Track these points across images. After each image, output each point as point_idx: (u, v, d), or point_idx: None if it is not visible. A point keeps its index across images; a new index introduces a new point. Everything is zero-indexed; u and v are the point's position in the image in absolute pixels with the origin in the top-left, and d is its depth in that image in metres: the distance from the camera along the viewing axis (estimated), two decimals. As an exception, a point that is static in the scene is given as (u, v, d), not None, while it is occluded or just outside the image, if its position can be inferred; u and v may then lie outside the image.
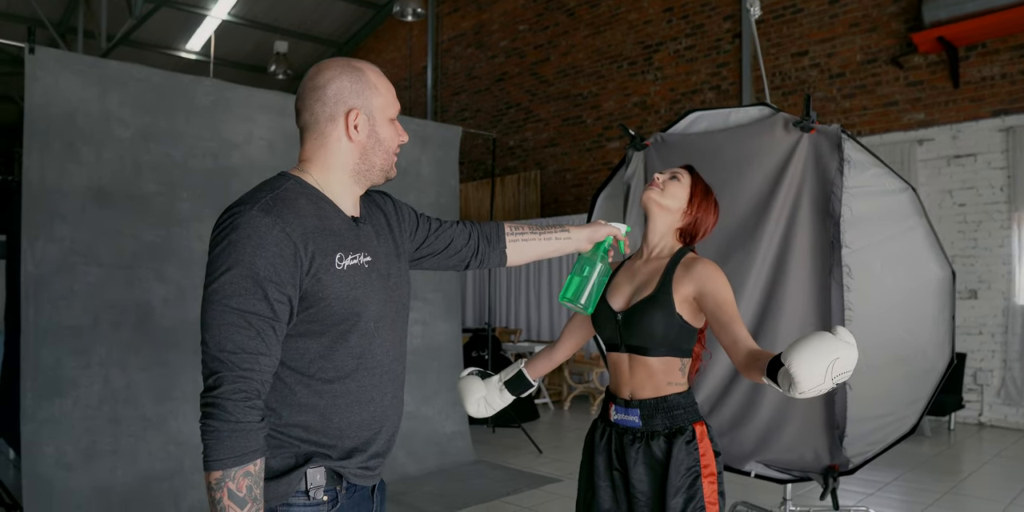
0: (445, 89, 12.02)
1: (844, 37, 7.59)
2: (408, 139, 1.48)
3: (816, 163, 2.52)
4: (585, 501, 1.90)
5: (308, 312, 1.29)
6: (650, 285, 1.80)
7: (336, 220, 1.35)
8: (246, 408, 1.20)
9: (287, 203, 1.29)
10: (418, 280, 5.14)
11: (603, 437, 1.87)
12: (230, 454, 1.19)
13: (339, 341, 1.32)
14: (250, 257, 1.22)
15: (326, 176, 1.38)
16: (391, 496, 4.46)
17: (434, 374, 5.21)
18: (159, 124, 4.07)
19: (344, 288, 1.31)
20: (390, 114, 1.41)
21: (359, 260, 1.35)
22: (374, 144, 1.39)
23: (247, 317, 1.21)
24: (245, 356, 1.21)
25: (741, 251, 2.57)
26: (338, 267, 1.30)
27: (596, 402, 7.83)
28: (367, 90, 1.37)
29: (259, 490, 1.23)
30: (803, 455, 2.69)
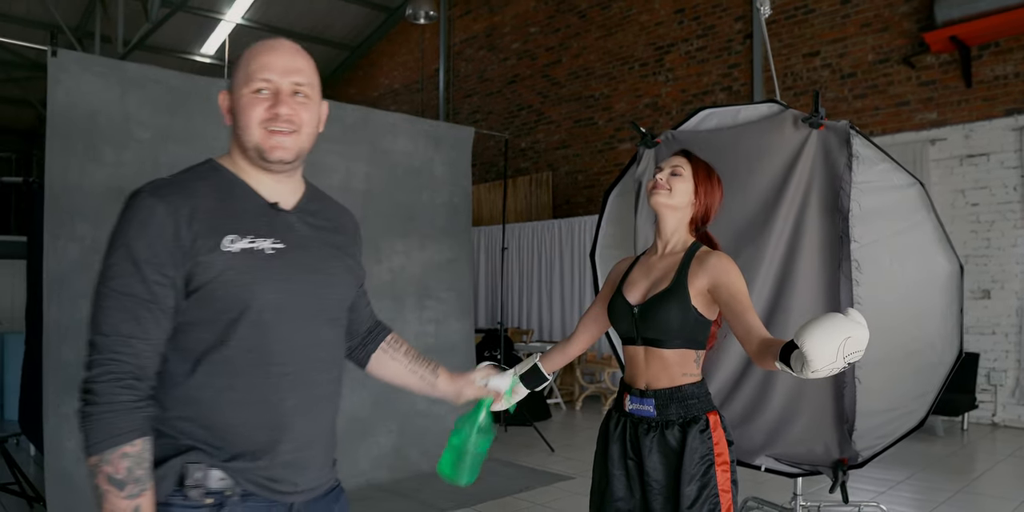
0: (457, 91, 12.09)
1: (856, 37, 7.60)
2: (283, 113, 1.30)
3: (825, 159, 2.55)
4: (600, 490, 1.94)
5: (193, 296, 1.21)
6: (666, 279, 1.84)
7: (244, 203, 1.29)
8: (117, 388, 1.15)
9: (182, 185, 1.25)
10: (431, 279, 5.19)
11: (618, 426, 1.91)
12: (103, 436, 1.13)
13: (228, 331, 1.23)
14: (132, 239, 1.18)
15: (235, 160, 1.35)
16: (405, 492, 4.51)
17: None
18: (177, 125, 4.14)
19: (231, 272, 1.22)
20: (251, 86, 1.30)
21: (260, 244, 1.25)
22: (239, 123, 1.31)
23: (123, 300, 1.17)
24: (117, 339, 1.16)
25: (751, 246, 2.60)
26: (224, 249, 1.21)
27: (608, 402, 7.85)
28: (239, 69, 1.32)
29: (142, 472, 1.15)
30: (813, 449, 2.71)
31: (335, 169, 4.73)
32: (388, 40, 13.58)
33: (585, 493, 4.47)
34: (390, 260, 4.98)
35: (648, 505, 1.85)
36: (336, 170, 4.73)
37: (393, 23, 13.33)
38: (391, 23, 13.36)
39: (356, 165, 4.83)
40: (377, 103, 13.77)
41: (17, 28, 11.80)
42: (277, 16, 12.61)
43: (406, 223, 5.08)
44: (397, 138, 5.06)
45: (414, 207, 5.13)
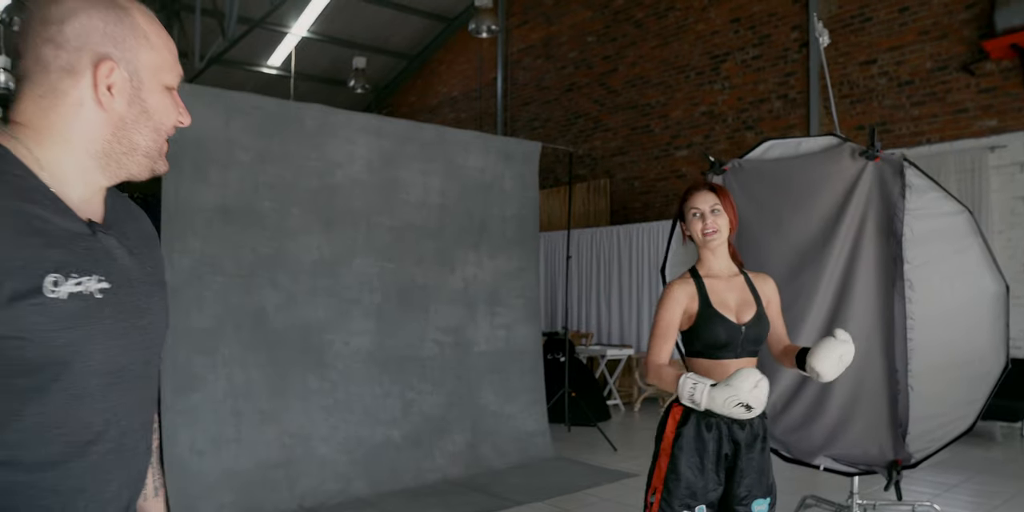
0: (515, 99, 12.41)
1: (913, 45, 7.67)
2: (190, 122, 1.06)
3: (880, 188, 2.79)
4: (688, 482, 2.12)
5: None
6: (749, 301, 2.21)
7: (57, 222, 0.91)
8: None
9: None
10: (502, 286, 5.52)
11: (708, 430, 2.13)
12: None
13: (24, 404, 0.87)
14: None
15: (52, 154, 0.94)
16: (479, 486, 4.84)
17: (516, 376, 5.56)
18: (274, 147, 4.54)
19: (52, 326, 0.87)
20: (167, 80, 1.00)
21: (88, 286, 0.90)
22: (137, 115, 0.97)
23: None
24: None
25: (812, 266, 2.84)
26: (49, 294, 0.86)
27: (665, 404, 8.06)
28: (132, 37, 0.95)
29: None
30: (868, 450, 2.94)
31: (414, 185, 5.09)
32: (446, 49, 13.98)
33: (649, 490, 4.73)
34: (463, 270, 5.31)
35: (732, 490, 2.16)
36: (415, 186, 5.09)
37: (451, 33, 13.72)
38: (449, 33, 13.76)
39: (432, 180, 5.18)
40: (435, 111, 14.20)
41: (100, 45, 12.53)
42: (340, 28, 13.10)
43: (478, 234, 5.41)
44: (470, 154, 5.39)
45: (485, 219, 5.46)
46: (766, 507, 2.18)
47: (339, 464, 4.62)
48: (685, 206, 2.24)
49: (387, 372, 4.90)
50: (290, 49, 13.45)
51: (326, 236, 4.70)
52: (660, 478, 2.16)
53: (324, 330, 4.63)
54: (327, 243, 4.70)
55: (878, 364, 2.89)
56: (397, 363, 4.95)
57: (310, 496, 4.45)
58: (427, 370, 5.10)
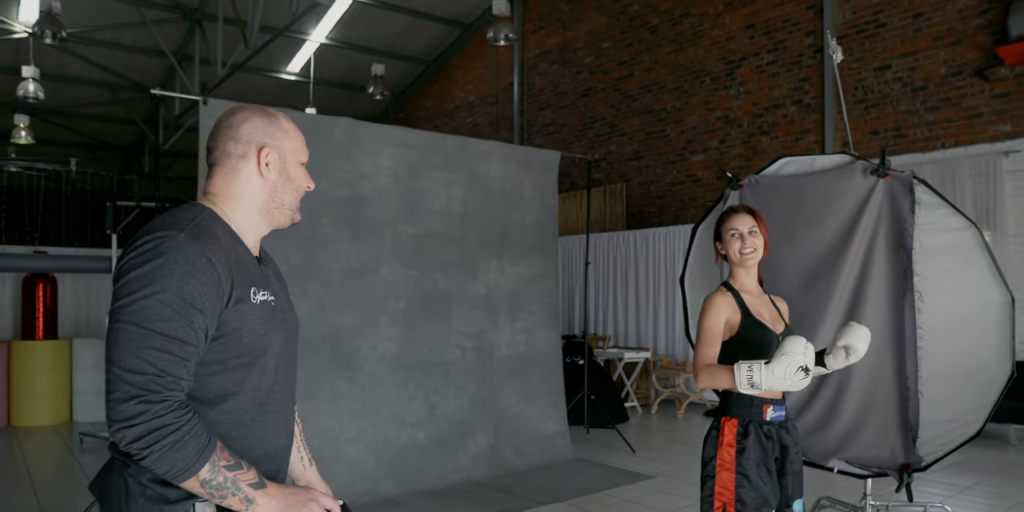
0: (531, 104, 12.56)
1: (928, 50, 7.75)
2: (315, 187, 1.51)
3: (891, 204, 2.91)
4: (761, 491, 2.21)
5: (218, 342, 1.29)
6: (777, 316, 2.39)
7: (246, 255, 1.38)
8: (186, 413, 1.21)
9: (212, 233, 1.31)
10: (522, 292, 5.66)
11: (767, 438, 2.25)
12: (202, 446, 1.21)
13: (242, 375, 1.33)
14: (179, 282, 1.21)
15: (235, 211, 1.40)
16: (502, 487, 4.99)
17: (537, 378, 5.71)
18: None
19: (256, 321, 1.33)
20: (301, 159, 1.46)
21: (267, 297, 1.37)
22: (284, 182, 1.42)
23: (171, 342, 1.20)
24: (170, 379, 1.20)
25: (825, 278, 2.97)
26: (253, 300, 1.33)
27: (682, 406, 8.19)
28: (279, 132, 1.43)
29: (237, 454, 1.28)
30: (880, 453, 3.07)
31: (438, 194, 5.24)
32: (463, 55, 14.15)
33: (668, 491, 4.90)
34: (485, 276, 5.47)
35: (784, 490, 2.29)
36: (439, 195, 5.24)
37: (468, 38, 13.89)
38: (466, 38, 13.92)
39: (455, 190, 5.34)
40: (452, 116, 14.37)
41: (124, 55, 12.80)
42: (358, 34, 13.29)
43: (499, 242, 5.56)
44: (491, 164, 5.54)
45: (506, 227, 5.61)
46: (801, 507, 2.33)
47: (367, 465, 4.78)
48: (723, 227, 2.38)
49: (412, 376, 5.06)
50: (309, 55, 13.66)
51: (354, 245, 4.86)
52: (730, 491, 2.21)
53: (352, 336, 4.80)
54: (355, 252, 4.86)
55: (889, 371, 3.01)
56: (422, 367, 5.11)
57: (340, 495, 4.57)
58: (450, 374, 5.25)
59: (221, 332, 1.29)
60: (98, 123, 15.21)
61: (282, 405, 1.43)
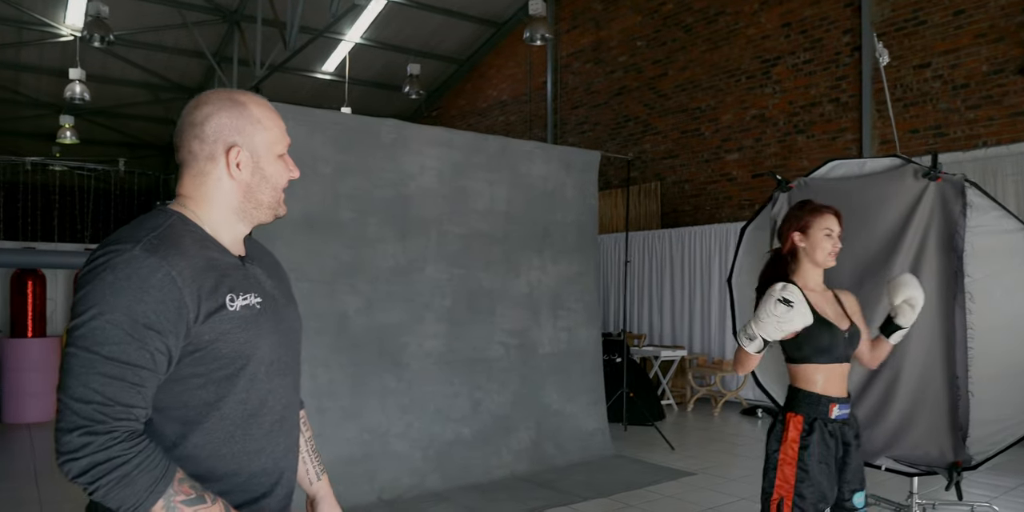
0: (564, 103, 12.62)
1: (969, 48, 7.68)
2: (299, 175, 1.41)
3: (942, 206, 2.95)
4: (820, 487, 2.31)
5: (194, 356, 1.19)
6: (841, 313, 2.44)
7: (222, 259, 1.27)
8: (138, 443, 1.12)
9: (172, 242, 1.19)
10: (564, 290, 5.74)
11: (831, 437, 2.35)
12: (157, 478, 1.11)
13: (225, 387, 1.23)
14: (129, 301, 1.11)
15: (208, 213, 1.30)
16: (544, 483, 5.07)
17: (577, 376, 5.79)
18: (352, 160, 4.83)
19: (235, 330, 1.22)
20: (277, 150, 1.34)
21: (250, 301, 1.26)
22: (259, 181, 1.31)
23: (122, 368, 1.10)
24: (119, 409, 1.10)
25: (874, 278, 3.01)
26: (230, 308, 1.22)
27: (718, 405, 8.22)
28: (249, 125, 1.30)
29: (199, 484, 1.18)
30: (929, 452, 3.10)
31: (481, 194, 5.34)
32: (496, 53, 14.23)
33: (709, 488, 4.96)
34: (528, 274, 5.56)
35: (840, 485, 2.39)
36: (482, 195, 5.34)
37: (501, 37, 13.97)
38: (499, 37, 14.00)
39: (498, 189, 5.43)
40: (485, 114, 14.47)
41: (164, 56, 13.07)
42: (392, 34, 13.43)
43: (541, 241, 5.64)
44: (533, 164, 5.63)
45: (548, 226, 5.69)
46: (863, 498, 2.44)
47: (414, 459, 4.90)
48: (816, 222, 2.38)
49: (457, 373, 5.16)
50: (344, 55, 13.83)
51: (400, 244, 4.97)
52: (789, 485, 2.30)
53: (399, 333, 4.91)
54: (401, 251, 4.98)
55: (939, 371, 3.05)
56: (466, 364, 5.21)
57: (388, 489, 4.73)
58: (494, 371, 5.35)
59: (196, 346, 1.19)
60: (139, 123, 15.54)
61: (278, 414, 1.32)
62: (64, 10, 11.11)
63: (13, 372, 7.49)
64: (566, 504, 4.63)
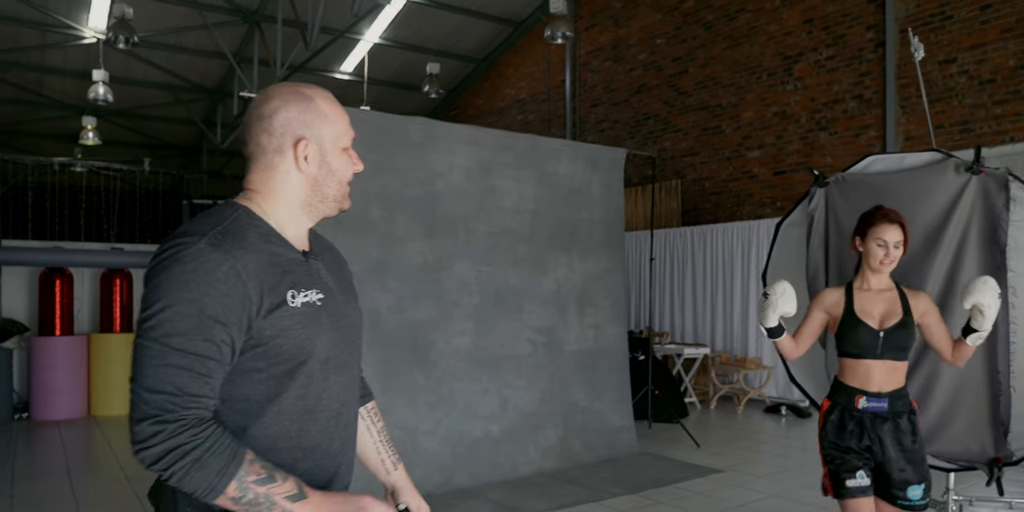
0: (583, 101, 12.61)
1: (996, 43, 7.62)
2: (363, 168, 1.42)
3: (984, 200, 2.94)
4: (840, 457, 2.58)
5: (255, 351, 1.21)
6: (896, 312, 2.56)
7: (286, 254, 1.28)
8: (207, 427, 1.14)
9: (237, 236, 1.21)
10: (591, 288, 5.75)
11: (851, 421, 2.58)
12: (227, 461, 1.13)
13: (284, 383, 1.24)
14: (196, 294, 1.13)
15: (275, 207, 1.31)
16: (572, 479, 5.09)
17: (604, 373, 5.80)
18: (380, 159, 4.85)
19: (296, 326, 1.23)
20: (343, 143, 1.35)
21: (311, 297, 1.26)
22: (326, 175, 1.33)
23: (190, 359, 1.13)
24: (188, 398, 1.13)
25: (915, 274, 3.00)
26: (291, 304, 1.23)
27: (741, 403, 8.20)
28: (316, 119, 1.31)
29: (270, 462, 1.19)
30: (969, 447, 3.09)
31: (509, 192, 5.36)
32: (514, 52, 14.24)
33: (738, 485, 4.96)
34: (555, 272, 5.57)
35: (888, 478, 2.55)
36: (510, 193, 5.35)
37: (519, 36, 13.97)
38: (517, 36, 14.01)
39: (526, 187, 5.44)
40: (503, 113, 14.48)
41: (186, 57, 13.18)
42: (411, 34, 13.47)
43: (568, 238, 5.65)
44: (560, 162, 5.64)
45: (575, 223, 5.70)
46: (920, 491, 2.55)
47: (443, 456, 4.92)
48: (872, 231, 2.56)
49: (485, 370, 5.18)
50: (362, 55, 13.87)
51: (429, 242, 5.00)
52: (822, 456, 2.65)
53: (429, 330, 4.94)
54: (430, 248, 5.00)
55: (980, 366, 3.03)
56: (494, 361, 5.23)
57: (418, 486, 4.72)
58: (522, 368, 5.37)
59: (257, 341, 1.20)
60: (160, 124, 15.68)
61: (334, 411, 1.33)
62: (87, 13, 11.22)
63: (41, 370, 7.58)
64: (596, 500, 4.64)
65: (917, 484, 2.53)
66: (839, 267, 3.21)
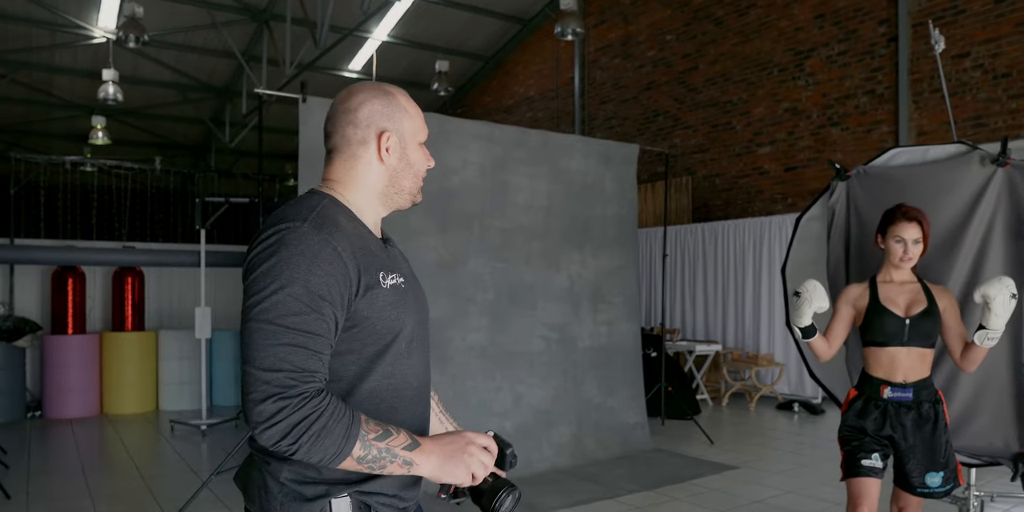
0: (592, 98, 12.58)
1: (1011, 36, 7.56)
2: (435, 164, 1.48)
3: (1010, 192, 2.90)
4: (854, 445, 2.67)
5: (350, 332, 1.27)
6: (920, 302, 2.63)
7: (372, 239, 1.35)
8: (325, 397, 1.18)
9: (335, 222, 1.27)
10: (604, 284, 5.73)
11: (875, 409, 2.67)
12: (347, 426, 1.17)
13: (374, 362, 1.30)
14: (305, 274, 1.19)
15: (355, 196, 1.38)
16: (587, 476, 5.07)
17: (618, 370, 5.77)
18: (395, 155, 4.83)
19: (388, 307, 1.29)
20: (420, 138, 1.43)
21: (396, 280, 1.32)
22: (404, 167, 1.40)
23: (304, 337, 1.18)
24: (306, 374, 1.17)
25: (939, 264, 2.97)
26: (383, 285, 1.28)
27: (753, 400, 8.16)
28: (398, 113, 1.38)
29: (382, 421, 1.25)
30: (992, 442, 3.06)
31: (522, 188, 5.34)
32: (523, 50, 14.22)
33: (754, 481, 4.94)
34: (568, 268, 5.54)
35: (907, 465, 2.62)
36: (523, 189, 5.33)
37: (528, 33, 13.95)
38: (525, 33, 13.99)
39: (539, 184, 5.42)
40: (511, 111, 14.46)
41: (194, 56, 13.19)
42: (419, 32, 13.46)
43: (581, 235, 5.63)
44: (573, 158, 5.61)
45: (588, 220, 5.68)
46: (939, 479, 2.60)
47: (457, 452, 4.90)
48: (891, 228, 2.63)
49: (499, 367, 5.17)
50: (371, 53, 13.87)
51: (443, 238, 4.99)
52: (840, 440, 2.75)
53: (444, 327, 4.92)
54: (444, 244, 4.99)
55: (1004, 361, 3.00)
56: (508, 358, 5.21)
57: (431, 483, 4.74)
58: (535, 365, 5.35)
59: (353, 322, 1.26)
60: (168, 123, 15.71)
61: (416, 389, 1.39)
62: (97, 12, 11.25)
63: (54, 368, 7.60)
64: (612, 497, 4.62)
65: (936, 472, 2.60)
66: (860, 261, 3.18)
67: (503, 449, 1.35)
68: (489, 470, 1.30)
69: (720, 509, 4.38)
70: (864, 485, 2.59)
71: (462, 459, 1.27)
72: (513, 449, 1.36)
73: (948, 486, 2.63)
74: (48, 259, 7.72)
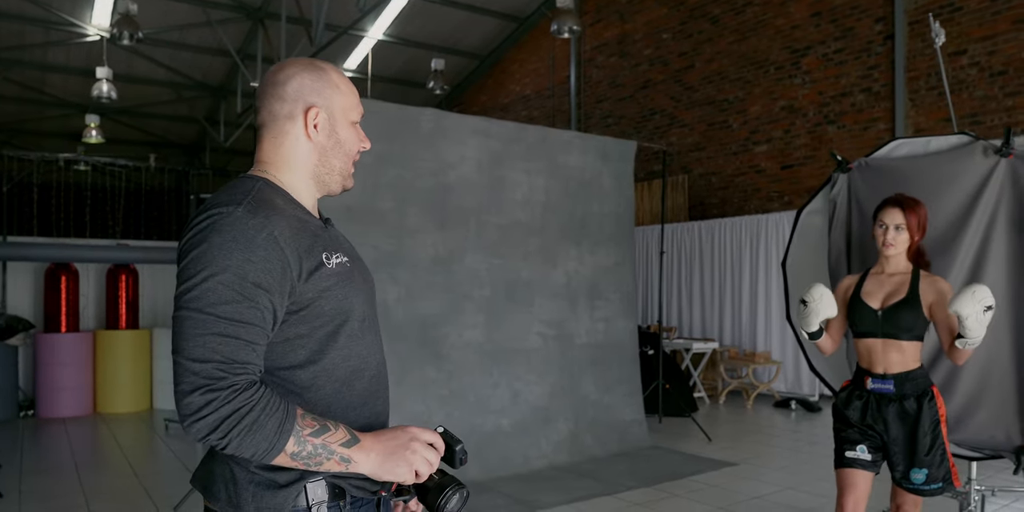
0: (588, 97, 12.56)
1: (1007, 34, 7.56)
2: (370, 146, 1.42)
3: (1014, 183, 2.88)
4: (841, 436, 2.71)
5: (298, 315, 1.22)
6: (900, 292, 2.59)
7: (311, 220, 1.30)
8: (259, 389, 1.13)
9: (272, 204, 1.22)
10: (601, 281, 5.70)
11: (858, 399, 2.68)
12: (280, 421, 1.12)
13: (328, 345, 1.26)
14: (239, 261, 1.13)
15: (289, 177, 1.32)
16: (585, 473, 5.04)
17: (615, 367, 5.75)
18: (393, 150, 4.81)
19: (335, 287, 1.25)
20: (352, 117, 1.36)
21: (341, 259, 1.28)
22: (334, 145, 1.33)
23: (236, 326, 1.12)
24: (237, 366, 1.12)
25: (941, 256, 2.95)
26: (328, 265, 1.25)
27: (751, 397, 8.15)
28: (328, 89, 1.32)
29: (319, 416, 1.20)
30: (995, 436, 3.04)
31: (519, 184, 5.31)
32: (519, 49, 14.19)
33: (753, 477, 4.91)
34: (565, 265, 5.52)
35: (891, 458, 2.60)
36: (520, 185, 5.31)
37: (523, 32, 13.92)
38: (521, 32, 13.96)
39: (536, 180, 5.39)
40: (507, 109, 14.43)
41: (189, 55, 13.13)
42: (415, 31, 13.42)
43: (578, 231, 5.60)
44: (571, 154, 5.59)
45: (585, 216, 5.65)
46: (923, 476, 2.56)
47: (455, 449, 4.87)
48: (878, 216, 2.63)
49: (496, 363, 5.14)
50: (366, 52, 13.82)
51: (440, 234, 4.95)
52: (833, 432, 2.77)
53: (439, 323, 4.89)
54: (440, 240, 4.96)
55: (1006, 353, 2.98)
56: (505, 355, 5.18)
57: (430, 479, 4.71)
58: (532, 362, 5.32)
59: (300, 305, 1.21)
60: (162, 122, 15.63)
61: (375, 369, 1.35)
62: (91, 10, 11.18)
63: (47, 367, 7.54)
64: (610, 493, 4.59)
65: (919, 468, 2.56)
66: (861, 254, 3.16)
67: (452, 446, 1.29)
68: (434, 468, 1.25)
69: (720, 505, 4.36)
70: (849, 476, 2.61)
71: (404, 456, 1.21)
72: (463, 446, 1.30)
73: (935, 486, 2.57)
74: (41, 256, 7.66)
